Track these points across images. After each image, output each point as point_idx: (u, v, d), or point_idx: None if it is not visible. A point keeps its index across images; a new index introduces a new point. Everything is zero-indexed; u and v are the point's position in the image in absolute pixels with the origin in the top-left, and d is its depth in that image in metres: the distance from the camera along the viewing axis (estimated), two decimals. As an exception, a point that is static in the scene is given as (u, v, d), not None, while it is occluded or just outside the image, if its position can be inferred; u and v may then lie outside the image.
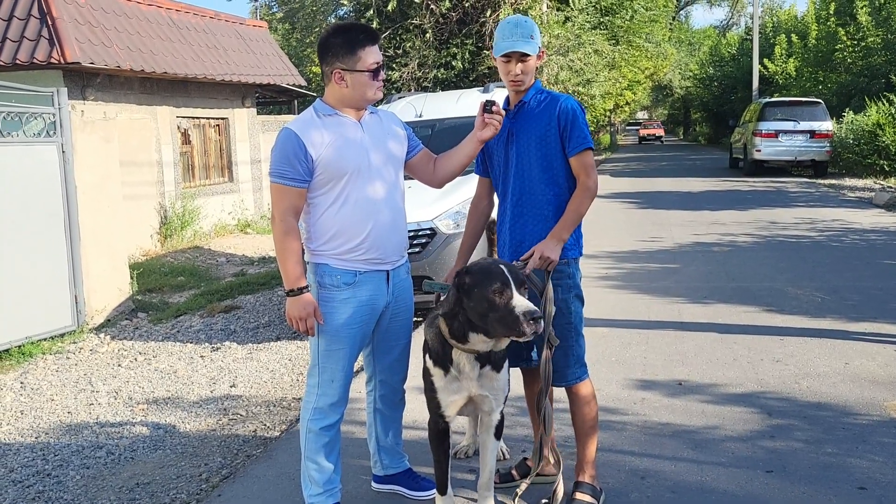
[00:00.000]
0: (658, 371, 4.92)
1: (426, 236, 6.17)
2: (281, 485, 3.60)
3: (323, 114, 3.05)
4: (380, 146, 3.11)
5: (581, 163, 3.13)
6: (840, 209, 12.53)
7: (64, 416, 4.89)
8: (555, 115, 3.13)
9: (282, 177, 2.97)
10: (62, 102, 6.88)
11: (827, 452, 3.64)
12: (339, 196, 3.02)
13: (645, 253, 9.14)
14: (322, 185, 3.02)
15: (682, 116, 60.15)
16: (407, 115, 7.53)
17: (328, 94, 3.08)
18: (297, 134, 2.97)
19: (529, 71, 3.16)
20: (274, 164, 3.00)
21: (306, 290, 2.98)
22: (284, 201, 2.98)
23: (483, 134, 3.19)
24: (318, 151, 2.97)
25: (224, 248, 11.80)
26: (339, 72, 3.00)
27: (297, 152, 2.95)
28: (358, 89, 3.02)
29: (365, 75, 3.00)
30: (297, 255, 2.99)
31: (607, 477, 3.43)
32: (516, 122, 3.22)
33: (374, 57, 3.01)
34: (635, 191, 16.01)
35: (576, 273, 3.20)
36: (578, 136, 3.12)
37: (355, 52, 2.98)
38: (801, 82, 26.54)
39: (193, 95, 12.94)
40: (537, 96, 3.21)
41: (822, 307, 6.33)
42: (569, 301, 3.15)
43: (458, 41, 15.33)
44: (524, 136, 3.18)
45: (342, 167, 2.99)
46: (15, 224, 6.38)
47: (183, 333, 6.87)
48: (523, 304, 2.69)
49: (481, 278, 2.78)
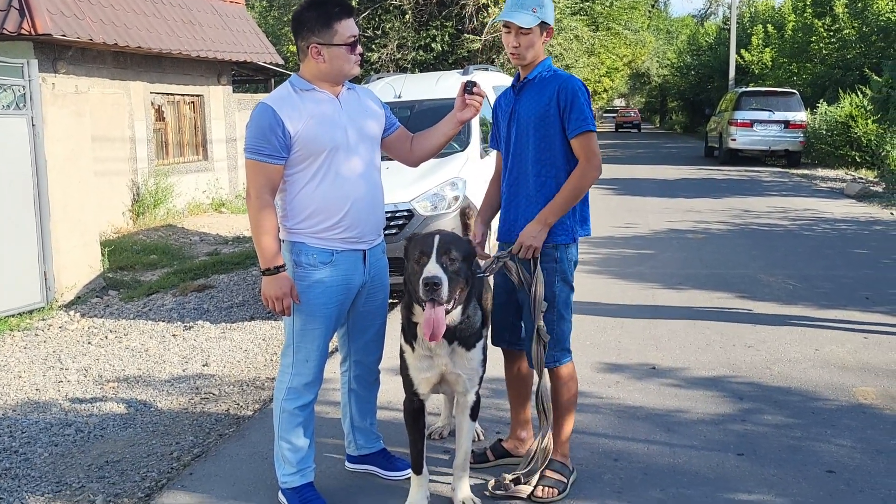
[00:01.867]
0: (632, 355, 4.95)
1: (403, 217, 6.15)
2: (253, 464, 3.57)
3: (300, 89, 2.98)
4: (357, 123, 3.06)
5: (581, 145, 3.06)
6: (812, 199, 12.69)
7: (32, 394, 4.82)
8: (555, 94, 3.06)
9: (257, 153, 2.90)
10: (32, 75, 6.72)
11: (796, 436, 3.69)
12: (316, 173, 2.97)
13: (621, 239, 9.19)
14: (299, 162, 2.96)
15: (658, 105, 60.40)
16: (386, 95, 7.48)
17: (304, 69, 3.02)
18: (273, 109, 2.90)
19: (529, 45, 3.07)
20: (249, 140, 2.93)
21: (283, 269, 2.94)
22: (260, 178, 2.92)
23: (463, 115, 3.16)
24: (296, 127, 2.91)
25: (198, 227, 11.66)
26: (315, 46, 2.93)
27: (273, 128, 2.88)
28: (335, 64, 2.96)
29: (342, 49, 2.94)
30: (274, 232, 2.94)
31: (580, 458, 3.45)
32: (520, 101, 3.17)
33: (350, 30, 2.95)
34: (612, 177, 16.07)
35: (563, 257, 3.14)
36: (578, 117, 3.04)
37: (331, 25, 2.91)
38: (776, 73, 26.76)
39: (168, 71, 12.72)
40: (543, 74, 3.14)
41: (793, 294, 6.41)
42: (553, 284, 3.12)
43: (437, 23, 15.22)
44: (524, 114, 3.13)
45: (320, 144, 2.94)
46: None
47: (155, 312, 6.79)
48: (427, 271, 2.68)
49: (413, 246, 2.83)
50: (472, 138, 7.01)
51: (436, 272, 2.68)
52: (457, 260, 2.77)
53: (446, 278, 2.70)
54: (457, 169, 6.58)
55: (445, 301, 2.71)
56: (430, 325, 2.71)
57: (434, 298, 2.68)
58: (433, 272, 2.68)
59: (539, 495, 3.11)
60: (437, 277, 2.66)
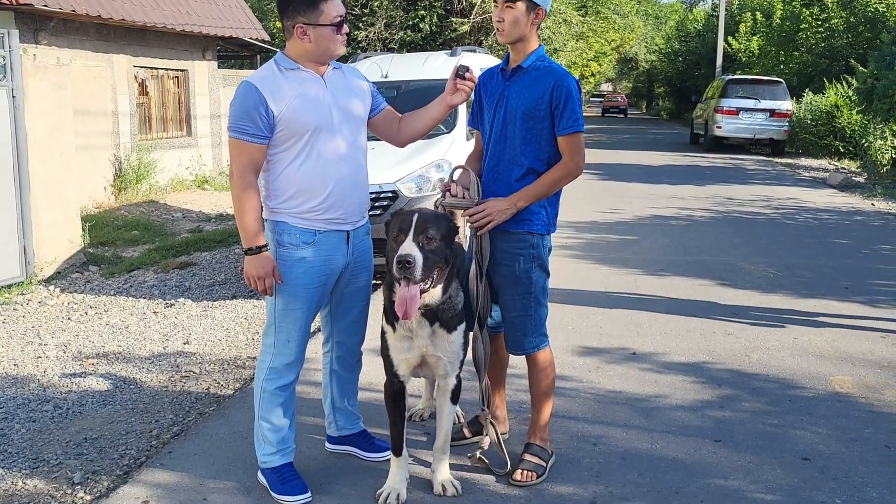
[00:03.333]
0: (613, 340, 4.98)
1: (388, 199, 6.12)
2: (233, 443, 3.57)
3: (285, 68, 2.95)
4: (343, 103, 3.03)
5: (569, 143, 3.05)
6: (795, 188, 12.78)
7: (10, 369, 4.77)
8: (549, 89, 3.03)
9: (241, 132, 2.88)
10: (13, 45, 6.59)
11: (773, 424, 3.74)
12: (300, 153, 2.94)
13: (604, 224, 9.22)
14: (283, 142, 2.94)
15: (646, 90, 60.42)
16: (372, 75, 7.42)
17: (290, 48, 2.98)
18: (257, 88, 2.87)
19: (513, 21, 3.02)
20: (233, 119, 2.90)
21: (265, 249, 2.92)
22: (243, 157, 2.90)
23: (453, 99, 3.14)
24: (280, 107, 2.88)
25: (180, 204, 11.56)
26: (301, 26, 2.90)
27: (257, 107, 2.85)
28: (321, 44, 2.92)
29: (328, 29, 2.91)
30: (256, 212, 2.91)
31: (559, 442, 3.47)
32: (510, 86, 3.12)
33: (336, 9, 2.92)
34: (597, 162, 16.09)
35: (540, 245, 3.15)
36: (570, 116, 3.03)
37: (317, 5, 2.88)
38: (763, 61, 26.82)
39: (152, 45, 12.55)
40: (536, 63, 3.10)
41: (774, 283, 6.46)
42: (530, 271, 3.13)
43: (426, 3, 15.10)
44: (513, 103, 3.09)
45: (304, 123, 2.91)
46: (-39, 170, 6.15)
47: (136, 288, 6.74)
48: (402, 249, 2.70)
49: (392, 223, 2.84)
50: (458, 120, 6.98)
51: (410, 250, 2.68)
52: (434, 239, 2.76)
53: (421, 257, 2.69)
54: (443, 151, 6.56)
55: (420, 280, 2.71)
56: (403, 303, 2.72)
57: (407, 276, 2.68)
58: (407, 250, 2.68)
59: (518, 479, 3.13)
60: (410, 256, 2.66)
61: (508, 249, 3.13)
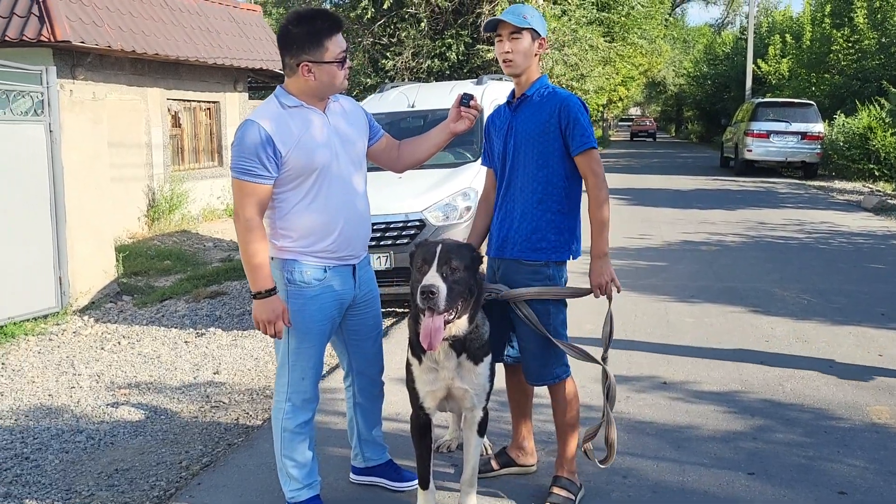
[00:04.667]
0: (642, 369, 4.92)
1: (415, 227, 6.15)
2: (261, 475, 3.58)
3: (288, 105, 2.92)
4: (346, 138, 3.02)
5: (586, 161, 3.07)
6: (828, 211, 12.59)
7: (45, 399, 4.85)
8: (555, 112, 3.05)
9: (246, 173, 2.82)
10: (51, 81, 6.79)
11: (808, 456, 3.65)
12: (308, 193, 2.92)
13: (633, 250, 9.15)
14: (289, 181, 2.90)
15: (674, 114, 60.17)
16: (400, 105, 7.50)
17: (291, 84, 2.94)
18: (262, 127, 2.83)
19: (521, 51, 3.05)
20: (237, 160, 2.82)
21: (274, 292, 2.88)
22: (249, 198, 2.83)
23: (456, 126, 3.15)
24: (287, 147, 2.84)
25: (212, 233, 11.72)
26: (306, 64, 2.87)
27: (264, 146, 2.81)
28: (325, 80, 2.91)
29: (333, 66, 2.90)
30: (264, 254, 2.87)
31: (588, 475, 3.43)
32: (517, 117, 3.15)
33: (340, 46, 2.91)
34: (625, 187, 16.02)
35: (556, 274, 3.14)
36: (581, 134, 3.04)
37: (321, 42, 2.86)
38: (793, 83, 26.60)
39: (185, 78, 12.82)
40: (541, 91, 3.13)
41: (808, 309, 6.35)
42: (546, 302, 3.11)
43: (453, 32, 15.23)
44: (522, 132, 3.11)
45: (311, 163, 2.89)
46: (0, 203, 6.30)
47: (168, 318, 6.82)
48: (425, 279, 2.70)
49: (417, 254, 2.85)
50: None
51: (433, 281, 2.68)
52: (458, 269, 2.76)
53: (445, 287, 2.69)
54: (469, 179, 6.58)
55: (444, 310, 2.70)
56: (427, 334, 2.71)
57: (431, 307, 2.67)
58: (430, 280, 2.68)
59: (547, 513, 3.10)
60: (434, 286, 2.66)
61: (524, 281, 3.11)
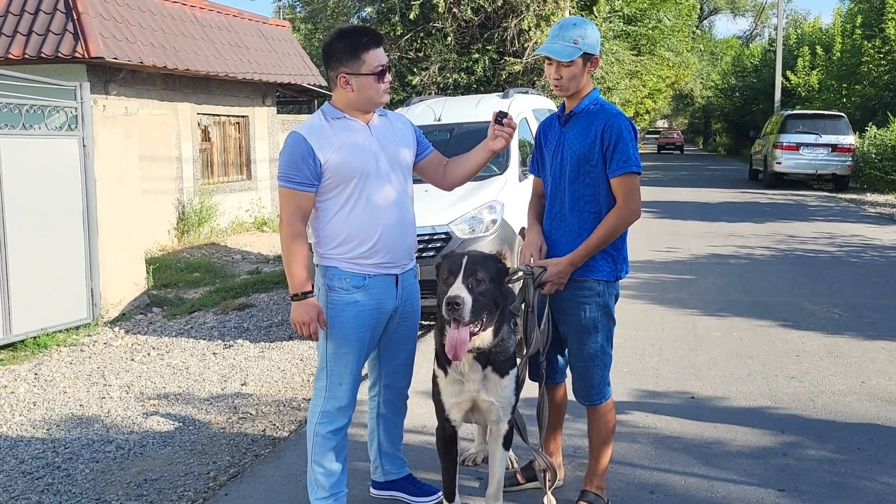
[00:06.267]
0: (670, 383, 4.88)
1: (441, 240, 6.17)
2: (288, 486, 3.60)
3: (331, 117, 3.05)
4: (389, 149, 3.10)
5: (622, 185, 2.98)
6: (860, 224, 12.40)
7: (76, 409, 4.92)
8: (599, 131, 2.99)
9: (290, 181, 2.99)
10: (84, 97, 6.93)
11: (840, 473, 3.59)
12: (347, 200, 3.02)
13: (660, 263, 9.08)
14: (330, 189, 3.02)
15: (702, 126, 59.74)
16: (426, 118, 7.54)
17: (336, 97, 3.08)
18: (305, 138, 2.97)
19: (571, 77, 3.01)
20: (282, 169, 3.01)
21: (311, 295, 2.99)
22: (292, 205, 3.00)
23: (494, 144, 3.17)
24: (327, 156, 2.97)
25: (240, 246, 11.85)
26: (343, 76, 2.98)
27: (304, 156, 2.96)
28: (364, 92, 3.00)
29: (370, 78, 2.98)
30: (304, 259, 2.99)
31: (616, 490, 3.40)
32: (566, 133, 3.11)
33: (378, 59, 2.99)
34: (653, 200, 15.92)
35: (605, 292, 3.09)
36: (622, 157, 2.96)
37: (359, 55, 2.97)
38: (823, 95, 26.32)
39: (214, 93, 13.01)
40: (590, 106, 3.07)
41: (839, 324, 6.25)
42: (597, 319, 3.08)
43: (479, 46, 15.30)
44: (569, 150, 3.08)
45: (351, 171, 2.99)
46: (34, 216, 6.43)
47: (196, 330, 6.90)
48: (451, 291, 2.72)
49: (443, 266, 2.88)
50: (510, 161, 7.02)
51: (459, 292, 2.70)
52: (484, 281, 2.78)
53: (471, 298, 2.71)
54: (495, 192, 6.59)
55: (469, 321, 2.72)
56: (453, 346, 2.73)
57: (456, 318, 2.69)
58: (456, 292, 2.70)
59: (573, 527, 3.07)
60: (459, 297, 2.68)
61: (574, 298, 3.08)
